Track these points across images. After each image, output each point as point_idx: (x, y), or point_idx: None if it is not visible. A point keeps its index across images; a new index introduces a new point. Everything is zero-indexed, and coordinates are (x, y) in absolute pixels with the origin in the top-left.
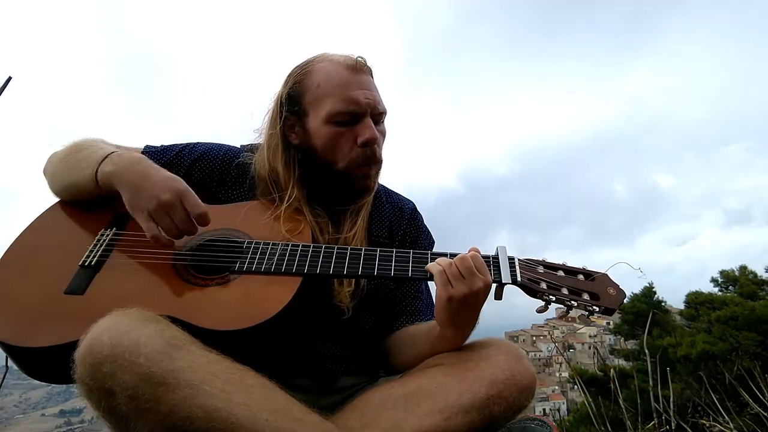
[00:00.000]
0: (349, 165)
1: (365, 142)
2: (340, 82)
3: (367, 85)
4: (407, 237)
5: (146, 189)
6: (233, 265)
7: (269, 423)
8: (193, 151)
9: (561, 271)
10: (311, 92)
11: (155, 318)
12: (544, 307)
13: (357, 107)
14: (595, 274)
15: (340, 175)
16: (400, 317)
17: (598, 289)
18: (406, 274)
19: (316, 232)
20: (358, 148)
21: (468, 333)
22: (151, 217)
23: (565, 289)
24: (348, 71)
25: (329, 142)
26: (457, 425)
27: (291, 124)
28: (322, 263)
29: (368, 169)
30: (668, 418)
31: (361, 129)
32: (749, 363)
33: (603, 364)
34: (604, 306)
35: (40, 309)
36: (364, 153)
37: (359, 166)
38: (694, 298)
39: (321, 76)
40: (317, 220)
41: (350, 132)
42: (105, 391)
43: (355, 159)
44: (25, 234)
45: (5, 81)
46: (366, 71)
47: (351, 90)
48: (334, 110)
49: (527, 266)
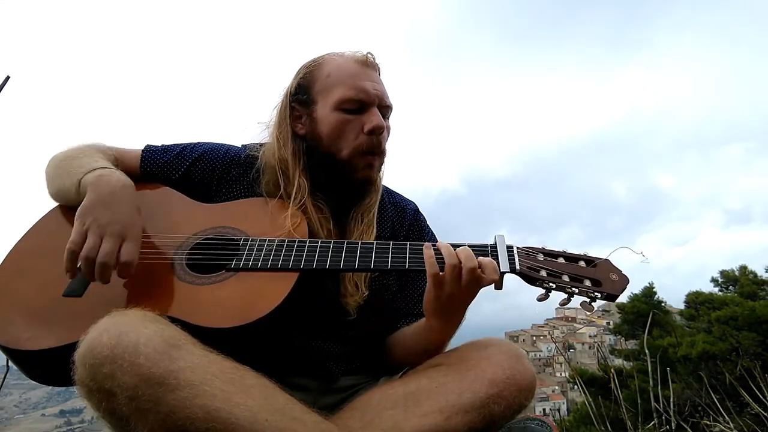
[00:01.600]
0: (353, 153)
1: (372, 130)
2: (351, 72)
3: (376, 78)
4: (410, 238)
5: (107, 207)
6: (230, 263)
7: (269, 423)
8: (193, 151)
9: (561, 258)
10: (321, 81)
11: (155, 318)
12: (544, 295)
13: (366, 96)
14: (596, 260)
15: (343, 164)
16: (404, 319)
17: (600, 275)
18: (403, 265)
19: (316, 226)
20: (364, 136)
21: (456, 323)
22: (86, 232)
23: (566, 276)
24: (358, 64)
25: (336, 129)
26: (457, 425)
27: (298, 115)
28: (318, 258)
29: (372, 159)
30: (668, 418)
31: (368, 117)
32: (749, 363)
33: (603, 364)
34: (606, 292)
35: (38, 312)
36: (370, 141)
37: (363, 154)
38: (694, 298)
39: (332, 67)
40: (318, 216)
41: (358, 120)
42: (105, 392)
43: (360, 146)
44: (25, 238)
45: (4, 80)
46: (375, 67)
47: (361, 80)
48: (344, 97)
49: (526, 254)
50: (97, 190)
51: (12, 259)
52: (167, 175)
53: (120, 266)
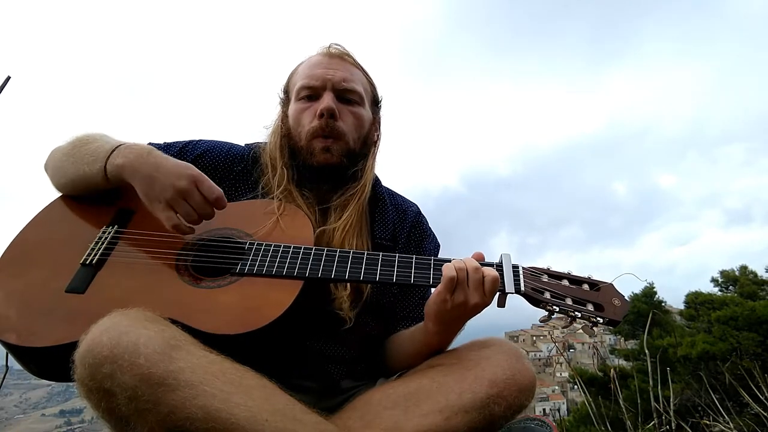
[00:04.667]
0: (309, 137)
1: (321, 112)
2: (311, 63)
3: (335, 65)
4: (411, 240)
5: (160, 179)
6: (234, 267)
7: (269, 423)
8: (196, 148)
9: (566, 280)
10: (293, 80)
11: (155, 319)
12: (547, 316)
13: (316, 82)
14: (600, 284)
15: (304, 151)
16: (404, 322)
17: (603, 299)
18: (408, 280)
19: (312, 223)
20: (317, 120)
21: (454, 331)
22: (170, 206)
23: (569, 299)
24: (320, 56)
25: (295, 118)
26: (457, 425)
27: (284, 115)
28: (323, 267)
29: (326, 142)
30: (668, 418)
31: (320, 102)
32: (749, 363)
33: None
34: (608, 317)
35: (41, 307)
36: (321, 124)
37: (316, 137)
38: (694, 298)
39: (302, 65)
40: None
41: (312, 106)
42: (105, 392)
43: (313, 131)
44: (26, 230)
45: (4, 80)
46: (338, 55)
47: (316, 69)
48: (299, 87)
49: (531, 275)
50: (136, 165)
51: (13, 252)
52: None
53: (215, 203)
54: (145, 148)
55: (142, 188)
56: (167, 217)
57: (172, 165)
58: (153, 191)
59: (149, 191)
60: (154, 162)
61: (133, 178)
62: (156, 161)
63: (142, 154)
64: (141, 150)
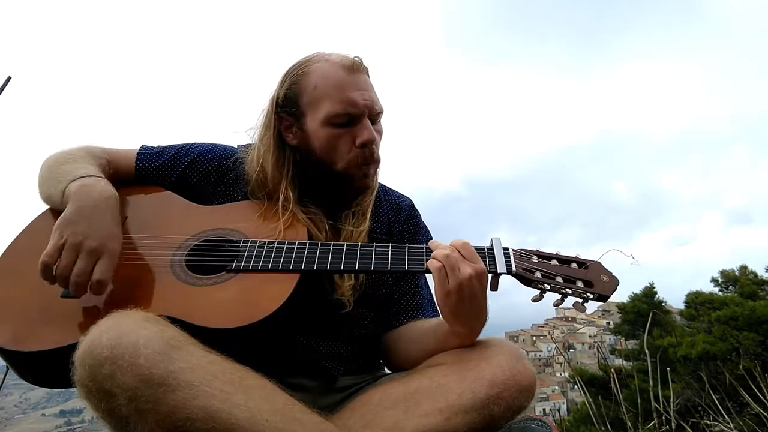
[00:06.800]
0: (348, 165)
1: (363, 143)
2: (337, 83)
3: (364, 85)
4: (405, 233)
5: (86, 220)
6: (230, 264)
7: (269, 423)
8: (189, 152)
9: (555, 260)
10: (308, 93)
11: (154, 319)
12: (539, 296)
13: (354, 109)
14: (588, 263)
15: (340, 175)
16: (401, 314)
17: (592, 276)
18: (403, 267)
19: (313, 229)
20: (357, 149)
21: (477, 328)
22: (62, 246)
23: (559, 277)
24: (344, 72)
25: (328, 144)
26: (457, 425)
27: (288, 125)
28: (318, 259)
29: (367, 169)
30: (668, 418)
31: (359, 130)
32: (749, 363)
33: (603, 364)
34: (597, 293)
35: (36, 313)
36: (363, 153)
37: (358, 166)
38: (695, 298)
39: (318, 77)
40: (310, 217)
41: (348, 133)
42: (105, 393)
43: (354, 159)
44: (20, 238)
45: (5, 80)
46: (362, 71)
47: (348, 91)
48: (332, 112)
49: (522, 256)
50: (78, 201)
51: (7, 260)
52: (163, 179)
53: (93, 285)
54: (110, 193)
55: (67, 213)
56: (50, 252)
57: (106, 225)
58: (68, 223)
59: (68, 221)
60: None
61: (72, 202)
62: (102, 210)
63: (100, 196)
64: (104, 191)
